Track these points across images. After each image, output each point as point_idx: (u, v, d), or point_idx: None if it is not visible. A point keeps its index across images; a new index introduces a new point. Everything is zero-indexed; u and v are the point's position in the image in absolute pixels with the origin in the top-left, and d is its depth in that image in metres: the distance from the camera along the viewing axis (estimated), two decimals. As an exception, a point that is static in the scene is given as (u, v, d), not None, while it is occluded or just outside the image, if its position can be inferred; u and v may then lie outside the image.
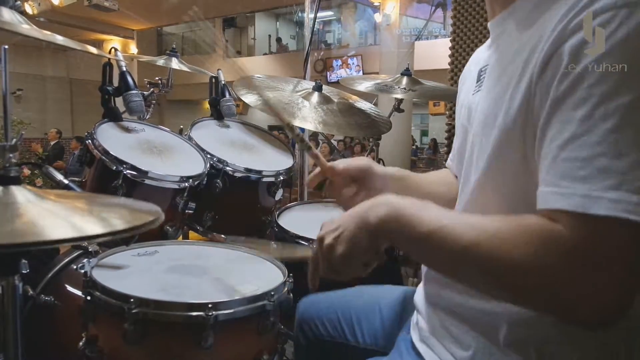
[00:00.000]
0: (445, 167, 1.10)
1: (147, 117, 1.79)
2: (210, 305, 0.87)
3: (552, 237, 0.56)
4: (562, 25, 0.59)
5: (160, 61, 2.34)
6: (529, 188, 0.63)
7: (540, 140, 0.61)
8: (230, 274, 1.08)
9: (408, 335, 0.92)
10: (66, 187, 1.30)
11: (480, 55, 0.88)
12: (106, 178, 1.35)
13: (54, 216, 0.75)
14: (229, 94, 1.90)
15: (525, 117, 0.64)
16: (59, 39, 1.17)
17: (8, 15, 1.13)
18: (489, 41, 0.85)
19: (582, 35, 0.57)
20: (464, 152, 0.83)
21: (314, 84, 1.87)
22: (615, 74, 0.54)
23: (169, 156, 1.53)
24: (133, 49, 12.68)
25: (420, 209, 0.67)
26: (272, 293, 0.95)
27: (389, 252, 1.41)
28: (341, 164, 0.99)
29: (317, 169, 1.01)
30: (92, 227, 0.73)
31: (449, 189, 1.04)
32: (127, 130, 1.57)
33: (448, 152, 1.26)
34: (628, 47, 0.55)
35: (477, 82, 0.82)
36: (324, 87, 1.87)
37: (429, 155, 12.19)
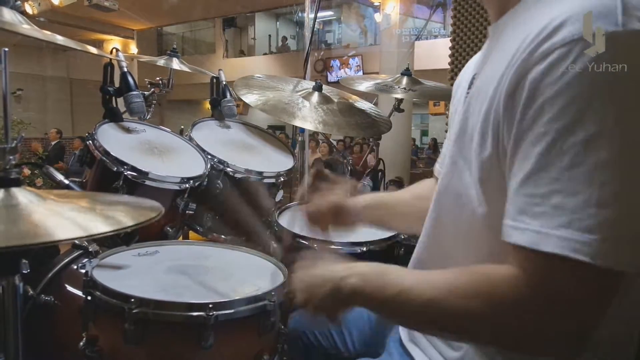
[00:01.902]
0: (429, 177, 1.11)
1: (147, 118, 1.79)
2: (210, 305, 0.87)
3: (501, 281, 0.59)
4: (526, 54, 0.59)
5: (161, 61, 2.34)
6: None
7: (509, 171, 0.62)
8: (230, 274, 1.08)
9: (397, 334, 0.93)
10: (67, 188, 1.30)
11: (477, 60, 0.87)
12: (107, 179, 1.35)
13: (58, 216, 0.75)
14: (230, 95, 1.90)
15: (497, 146, 0.65)
16: (59, 39, 1.17)
17: (8, 15, 1.13)
18: (486, 43, 0.84)
19: (542, 68, 0.57)
20: (452, 157, 0.82)
21: (314, 83, 1.87)
22: (570, 111, 0.55)
23: (169, 157, 1.53)
24: (133, 49, 12.68)
25: (383, 275, 0.71)
26: (273, 293, 0.95)
27: (388, 254, 1.41)
28: (312, 206, 1.06)
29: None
30: (97, 225, 0.73)
31: (426, 204, 1.04)
32: (128, 130, 1.57)
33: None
34: (580, 84, 0.55)
35: (469, 89, 0.82)
36: (324, 87, 1.87)
37: (428, 155, 12.18)
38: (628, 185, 0.54)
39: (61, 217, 0.75)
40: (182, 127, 1.79)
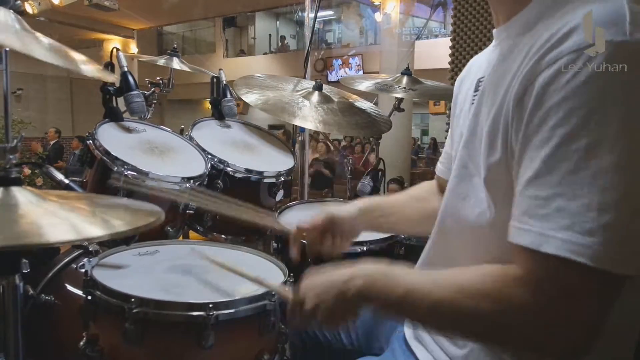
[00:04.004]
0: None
1: (148, 117, 1.79)
2: (211, 305, 0.87)
3: (507, 281, 0.60)
4: (535, 59, 0.60)
5: (161, 61, 2.34)
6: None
7: (516, 173, 0.63)
8: (230, 274, 1.08)
9: (401, 333, 0.93)
10: (67, 187, 1.30)
11: (481, 63, 0.87)
12: (107, 178, 1.35)
13: (55, 217, 0.75)
14: (230, 94, 1.89)
15: (506, 150, 0.66)
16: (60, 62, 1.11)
17: (3, 16, 1.11)
18: (491, 46, 0.85)
19: (549, 74, 0.58)
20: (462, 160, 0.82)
21: (314, 83, 1.87)
22: (575, 117, 0.56)
23: (170, 156, 1.53)
24: (133, 48, 12.67)
25: (391, 277, 0.72)
26: (273, 293, 0.95)
27: (388, 254, 1.41)
28: (305, 224, 1.04)
29: (292, 244, 1.06)
30: (92, 228, 0.73)
31: (424, 205, 1.06)
32: (128, 130, 1.57)
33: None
34: (587, 90, 0.56)
35: (475, 91, 0.82)
36: (324, 86, 1.87)
37: (428, 155, 12.16)
38: (629, 190, 0.55)
39: (58, 218, 0.75)
40: (183, 126, 1.79)
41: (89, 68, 1.05)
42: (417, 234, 1.13)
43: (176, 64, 2.27)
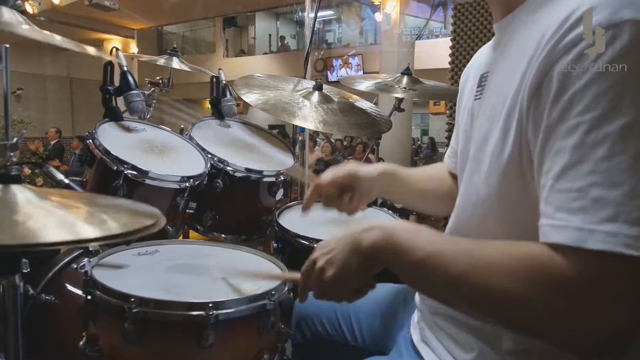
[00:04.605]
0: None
1: (147, 117, 1.79)
2: (210, 305, 0.87)
3: (551, 271, 0.54)
4: (550, 47, 0.58)
5: (161, 61, 2.34)
6: (528, 212, 0.61)
7: (538, 168, 0.59)
8: (230, 274, 1.08)
9: (408, 334, 0.92)
10: (67, 187, 1.30)
11: (483, 58, 0.86)
12: (107, 178, 1.35)
13: (52, 217, 0.74)
14: (230, 94, 1.90)
15: (519, 144, 0.62)
16: (58, 39, 1.17)
17: (8, 14, 1.13)
18: (493, 41, 0.83)
19: (569, 59, 0.55)
20: (466, 160, 0.80)
21: (314, 83, 1.87)
22: (603, 100, 0.53)
23: (169, 156, 1.53)
24: (133, 48, 12.68)
25: (414, 234, 0.66)
26: (273, 292, 0.95)
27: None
28: (327, 176, 1.01)
29: (309, 191, 1.04)
30: (88, 230, 0.72)
31: (441, 184, 1.05)
32: (128, 129, 1.57)
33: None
34: (614, 71, 0.53)
35: (478, 87, 0.81)
36: (324, 86, 1.87)
37: (427, 154, 12.13)
38: None
39: (56, 218, 0.74)
40: (182, 126, 1.79)
41: (93, 50, 1.35)
42: (426, 211, 1.13)
43: (176, 63, 2.28)
